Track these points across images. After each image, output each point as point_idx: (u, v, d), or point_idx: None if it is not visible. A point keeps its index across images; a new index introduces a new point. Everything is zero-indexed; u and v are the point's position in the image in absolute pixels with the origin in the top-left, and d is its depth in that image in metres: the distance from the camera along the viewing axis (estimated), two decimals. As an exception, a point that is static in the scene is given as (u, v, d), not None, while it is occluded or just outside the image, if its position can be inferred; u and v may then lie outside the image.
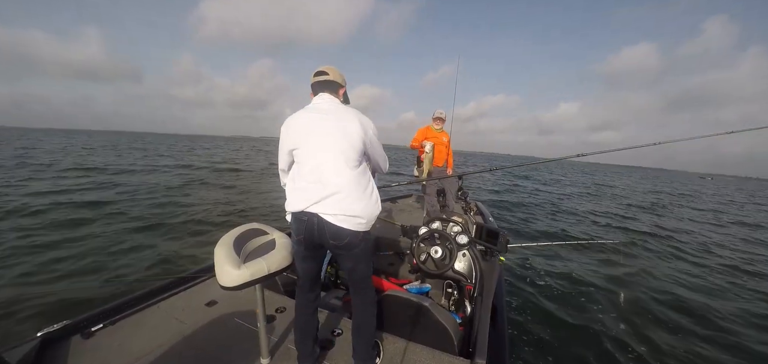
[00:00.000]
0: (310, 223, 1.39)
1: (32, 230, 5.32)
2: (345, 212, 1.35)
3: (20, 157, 16.54)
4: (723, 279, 5.25)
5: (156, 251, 4.77)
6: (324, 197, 1.35)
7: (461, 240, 2.54)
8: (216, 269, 1.38)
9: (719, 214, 13.95)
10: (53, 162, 14.53)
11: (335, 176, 1.37)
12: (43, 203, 7.01)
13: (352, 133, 1.41)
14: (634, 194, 19.67)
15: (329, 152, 1.38)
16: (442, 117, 4.57)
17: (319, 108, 1.47)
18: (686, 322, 3.74)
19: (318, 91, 1.52)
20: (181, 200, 8.42)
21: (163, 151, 27.27)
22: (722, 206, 17.21)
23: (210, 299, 2.15)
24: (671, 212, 13.22)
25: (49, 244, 4.77)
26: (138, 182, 10.83)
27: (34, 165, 13.32)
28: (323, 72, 1.52)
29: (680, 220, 11.26)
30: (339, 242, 1.38)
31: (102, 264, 4.24)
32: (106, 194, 8.47)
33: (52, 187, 8.99)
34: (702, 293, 4.59)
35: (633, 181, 32.64)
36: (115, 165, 14.87)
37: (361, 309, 1.53)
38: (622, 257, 5.77)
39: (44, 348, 1.60)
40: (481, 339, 1.63)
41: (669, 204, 15.80)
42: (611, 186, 24.01)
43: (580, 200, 14.15)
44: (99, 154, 20.57)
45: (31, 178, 10.27)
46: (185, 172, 14.49)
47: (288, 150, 1.50)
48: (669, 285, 4.77)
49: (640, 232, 8.43)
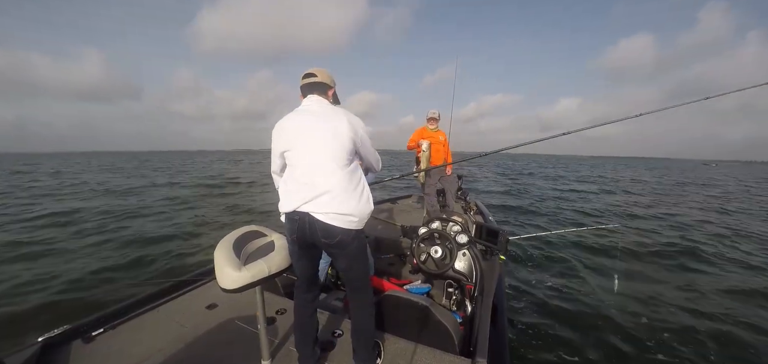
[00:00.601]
0: (301, 222, 1.40)
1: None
2: (336, 211, 1.37)
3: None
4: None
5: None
6: (315, 197, 1.37)
7: (461, 240, 2.54)
8: (216, 271, 1.38)
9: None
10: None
11: (326, 176, 1.38)
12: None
13: (341, 132, 1.42)
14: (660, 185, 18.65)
15: (319, 153, 1.40)
16: (436, 117, 4.59)
17: (309, 110, 1.49)
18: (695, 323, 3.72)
19: (307, 93, 1.54)
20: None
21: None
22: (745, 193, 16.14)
23: (210, 302, 2.16)
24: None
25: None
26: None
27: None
28: (312, 74, 1.54)
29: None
30: (330, 240, 1.40)
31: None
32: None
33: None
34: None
35: (636, 172, 31.97)
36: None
37: (359, 310, 1.53)
38: (620, 253, 5.74)
39: (45, 353, 1.60)
40: (482, 338, 1.63)
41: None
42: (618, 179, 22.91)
43: (603, 197, 13.63)
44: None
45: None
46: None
47: (279, 152, 1.52)
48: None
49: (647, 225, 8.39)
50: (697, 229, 7.88)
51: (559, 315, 3.60)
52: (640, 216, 9.27)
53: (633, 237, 6.85)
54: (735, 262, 5.56)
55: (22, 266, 4.80)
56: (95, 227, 7.13)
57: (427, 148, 4.31)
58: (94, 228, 7.01)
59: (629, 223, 8.18)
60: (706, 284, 4.56)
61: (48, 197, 11.46)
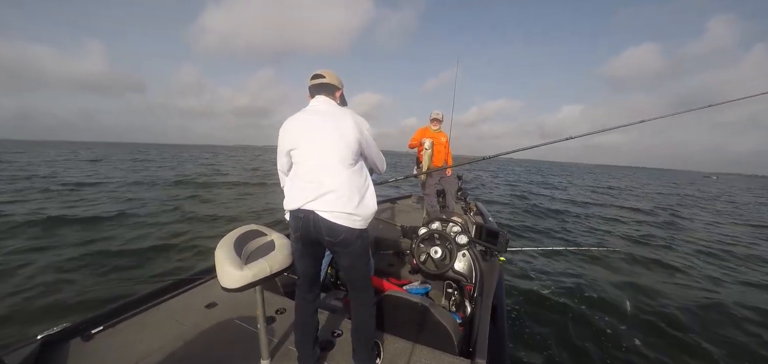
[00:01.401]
0: (306, 220, 1.42)
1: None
2: (340, 210, 1.38)
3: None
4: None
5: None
6: (320, 195, 1.38)
7: (461, 240, 2.54)
8: (217, 270, 1.37)
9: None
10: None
11: (331, 175, 1.40)
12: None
13: (347, 132, 1.44)
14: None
15: (325, 152, 1.42)
16: (439, 118, 4.61)
17: (316, 109, 1.51)
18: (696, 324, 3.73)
19: (315, 94, 1.57)
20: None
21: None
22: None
23: (210, 300, 2.15)
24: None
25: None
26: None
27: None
28: (320, 75, 1.56)
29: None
30: (334, 238, 1.41)
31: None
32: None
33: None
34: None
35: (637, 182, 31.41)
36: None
37: (360, 310, 1.53)
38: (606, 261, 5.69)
39: (44, 351, 1.60)
40: (482, 339, 1.63)
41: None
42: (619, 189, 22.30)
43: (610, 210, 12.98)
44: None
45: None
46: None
47: (286, 151, 1.54)
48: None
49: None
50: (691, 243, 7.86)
51: (559, 316, 3.61)
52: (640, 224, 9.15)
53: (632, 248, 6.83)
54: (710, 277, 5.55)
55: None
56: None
57: (430, 146, 4.28)
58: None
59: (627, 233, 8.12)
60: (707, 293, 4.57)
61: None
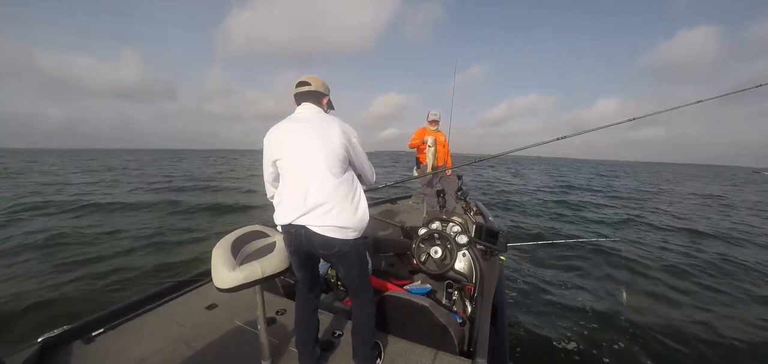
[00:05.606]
0: (298, 235, 1.38)
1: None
2: (332, 223, 1.33)
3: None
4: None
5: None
6: (309, 209, 1.34)
7: (461, 240, 2.54)
8: (212, 271, 1.38)
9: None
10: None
11: (319, 187, 1.35)
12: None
13: (333, 140, 1.38)
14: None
15: (312, 162, 1.36)
16: (437, 118, 4.63)
17: (300, 117, 1.46)
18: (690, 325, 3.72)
19: (300, 102, 1.51)
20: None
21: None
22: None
23: (210, 302, 2.15)
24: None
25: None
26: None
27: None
28: (305, 82, 1.51)
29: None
30: (329, 251, 1.38)
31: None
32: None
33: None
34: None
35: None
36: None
37: (360, 310, 1.53)
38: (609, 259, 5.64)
39: (45, 353, 1.60)
40: (482, 339, 1.63)
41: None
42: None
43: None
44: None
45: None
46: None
47: (271, 161, 1.48)
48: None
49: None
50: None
51: (559, 316, 3.60)
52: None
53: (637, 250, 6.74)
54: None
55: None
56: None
57: (432, 144, 4.26)
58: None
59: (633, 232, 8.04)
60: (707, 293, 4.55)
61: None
